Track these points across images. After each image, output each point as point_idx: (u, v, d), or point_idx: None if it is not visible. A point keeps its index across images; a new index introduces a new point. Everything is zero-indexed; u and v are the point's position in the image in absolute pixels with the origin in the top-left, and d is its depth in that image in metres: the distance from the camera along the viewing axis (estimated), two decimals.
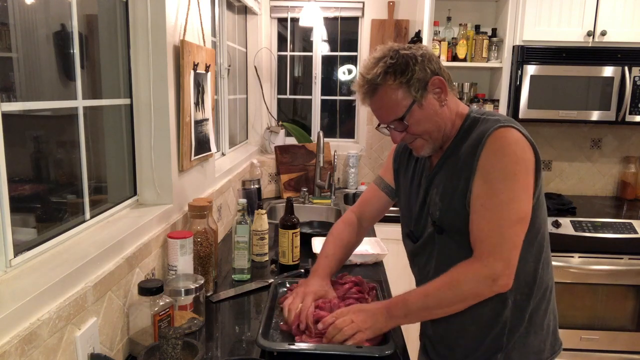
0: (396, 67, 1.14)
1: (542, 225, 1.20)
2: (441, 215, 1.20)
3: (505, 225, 1.10)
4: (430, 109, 1.18)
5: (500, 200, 1.10)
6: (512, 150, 1.10)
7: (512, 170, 1.10)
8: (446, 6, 2.95)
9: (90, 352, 1.03)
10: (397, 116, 1.17)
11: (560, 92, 2.75)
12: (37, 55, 1.13)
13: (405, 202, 1.36)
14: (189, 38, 1.65)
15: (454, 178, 1.18)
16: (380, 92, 1.17)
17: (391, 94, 1.16)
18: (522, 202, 1.11)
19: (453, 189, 1.17)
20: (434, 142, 1.22)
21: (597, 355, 2.64)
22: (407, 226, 1.34)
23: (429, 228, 1.24)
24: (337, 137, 3.45)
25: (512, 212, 1.10)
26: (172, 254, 1.40)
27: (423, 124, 1.19)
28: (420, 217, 1.28)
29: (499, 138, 1.11)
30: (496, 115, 1.19)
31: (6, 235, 0.95)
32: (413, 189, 1.32)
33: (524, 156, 1.11)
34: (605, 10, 2.70)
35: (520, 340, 1.20)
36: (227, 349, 1.28)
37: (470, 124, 1.21)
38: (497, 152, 1.11)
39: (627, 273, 2.56)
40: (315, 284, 1.35)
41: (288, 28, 3.31)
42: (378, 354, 1.14)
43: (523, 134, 1.13)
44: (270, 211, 2.76)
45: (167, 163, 1.55)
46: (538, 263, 1.19)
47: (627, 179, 3.14)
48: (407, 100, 1.16)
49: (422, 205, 1.27)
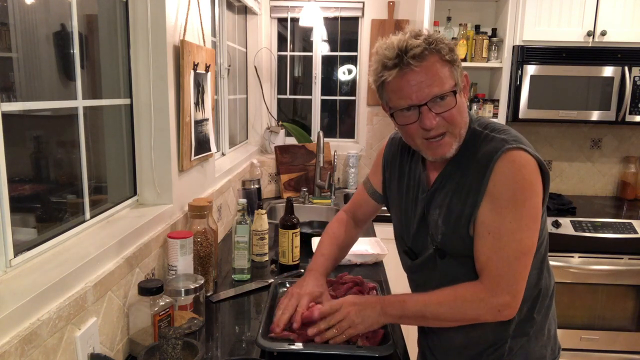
0: (447, 43, 1.06)
1: (544, 238, 1.17)
2: (444, 240, 1.15)
3: (513, 256, 1.05)
4: (464, 104, 1.10)
5: (508, 229, 1.05)
6: (521, 176, 1.04)
7: (521, 197, 1.04)
8: (446, 6, 2.95)
9: (90, 352, 1.03)
10: (444, 90, 1.04)
11: (560, 92, 2.75)
12: (37, 55, 1.13)
13: (400, 215, 1.29)
14: (189, 38, 1.65)
15: (458, 202, 1.11)
16: (430, 59, 1.03)
17: (440, 67, 1.05)
18: (530, 231, 1.06)
19: (458, 213, 1.11)
20: (459, 142, 1.11)
21: (597, 355, 2.64)
22: (405, 242, 1.27)
23: (430, 249, 1.19)
24: (337, 137, 3.45)
25: (521, 242, 1.06)
26: (172, 254, 1.40)
27: (461, 114, 1.08)
28: (419, 235, 1.22)
29: (507, 162, 1.04)
30: (502, 132, 1.10)
31: (6, 235, 0.95)
32: (409, 203, 1.25)
33: (531, 180, 1.05)
34: (605, 10, 2.70)
35: (523, 348, 1.18)
36: (227, 349, 1.28)
37: (472, 138, 1.12)
38: (505, 179, 1.04)
39: (627, 273, 2.56)
40: (310, 283, 1.30)
41: (288, 28, 3.31)
42: (378, 354, 1.14)
43: (531, 153, 1.06)
44: (270, 211, 2.76)
45: (167, 163, 1.55)
46: (541, 274, 1.18)
47: (627, 179, 3.14)
48: (453, 80, 1.06)
49: (420, 222, 1.21)
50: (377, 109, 3.28)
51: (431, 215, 1.18)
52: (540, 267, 1.18)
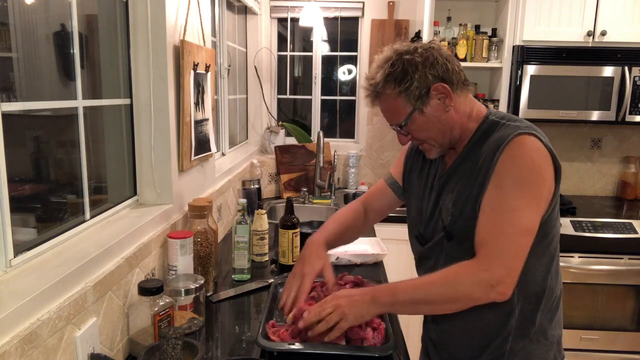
0: (396, 75, 1.12)
1: (555, 236, 1.17)
2: (452, 221, 1.17)
3: (512, 233, 1.06)
4: (432, 116, 1.15)
5: (511, 206, 1.06)
6: (530, 159, 1.07)
7: (527, 178, 1.06)
8: (446, 6, 2.95)
9: (90, 352, 1.03)
10: (399, 122, 1.18)
11: (560, 92, 2.75)
12: (37, 55, 1.13)
13: (416, 204, 1.33)
14: (189, 38, 1.65)
15: (468, 184, 1.15)
16: (382, 98, 1.18)
17: (391, 101, 1.16)
18: (532, 213, 1.07)
19: (467, 195, 1.14)
20: (441, 147, 1.20)
21: (597, 355, 2.64)
22: (417, 228, 1.31)
23: (439, 233, 1.21)
24: (337, 137, 3.45)
25: (522, 220, 1.06)
26: (172, 254, 1.40)
27: (426, 130, 1.17)
28: (431, 220, 1.25)
29: (518, 145, 1.08)
30: (517, 121, 1.15)
31: (6, 235, 0.95)
32: (425, 191, 1.29)
33: (541, 165, 1.08)
34: (605, 10, 2.70)
35: (524, 349, 1.18)
36: (227, 349, 1.28)
37: (487, 127, 1.17)
38: (514, 159, 1.07)
39: (627, 273, 2.56)
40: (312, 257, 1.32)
41: (288, 28, 3.31)
42: (378, 354, 1.14)
43: (544, 142, 1.09)
44: (270, 211, 2.76)
45: (167, 163, 1.55)
46: (548, 273, 1.17)
47: (627, 179, 3.14)
48: (407, 108, 1.15)
49: (433, 208, 1.24)
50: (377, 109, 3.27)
51: (443, 200, 1.21)
52: (548, 267, 1.17)
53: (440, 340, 1.29)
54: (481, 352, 1.20)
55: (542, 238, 1.13)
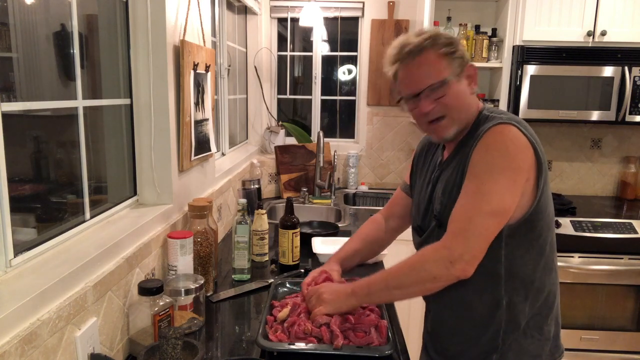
0: (445, 39, 1.18)
1: (544, 229, 1.18)
2: (441, 209, 1.22)
3: (478, 214, 1.09)
4: (462, 91, 1.20)
5: (480, 189, 1.10)
6: (503, 145, 1.11)
7: (499, 165, 1.10)
8: (446, 6, 2.95)
9: (90, 352, 1.04)
10: (438, 79, 1.17)
11: (560, 92, 2.75)
12: (37, 55, 1.13)
13: (416, 198, 1.39)
14: (189, 38, 1.65)
15: (457, 174, 1.20)
16: (425, 54, 1.17)
17: (435, 59, 1.17)
18: (503, 197, 1.09)
19: (453, 183, 1.20)
20: (458, 126, 1.21)
21: (597, 355, 2.64)
22: (416, 220, 1.37)
23: (433, 222, 1.26)
24: (337, 137, 3.45)
25: (489, 203, 1.09)
26: (172, 254, 1.40)
27: (457, 99, 1.19)
28: (427, 211, 1.30)
29: (493, 133, 1.12)
30: (503, 113, 1.20)
31: (6, 235, 0.96)
32: (424, 185, 1.35)
33: (516, 153, 1.10)
34: (605, 10, 2.70)
35: (516, 342, 1.19)
36: (227, 349, 1.28)
37: (479, 121, 1.22)
38: (487, 146, 1.12)
39: (627, 273, 2.56)
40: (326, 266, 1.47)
41: (288, 28, 3.31)
42: (378, 354, 1.14)
43: (524, 133, 1.12)
44: (270, 211, 2.76)
45: (167, 163, 1.55)
46: (537, 266, 1.19)
47: (627, 179, 3.14)
48: (447, 71, 1.17)
49: (429, 199, 1.30)
50: (377, 109, 3.28)
51: (436, 191, 1.26)
52: (537, 260, 1.19)
53: (433, 330, 1.33)
54: (473, 345, 1.22)
55: (529, 230, 1.15)
